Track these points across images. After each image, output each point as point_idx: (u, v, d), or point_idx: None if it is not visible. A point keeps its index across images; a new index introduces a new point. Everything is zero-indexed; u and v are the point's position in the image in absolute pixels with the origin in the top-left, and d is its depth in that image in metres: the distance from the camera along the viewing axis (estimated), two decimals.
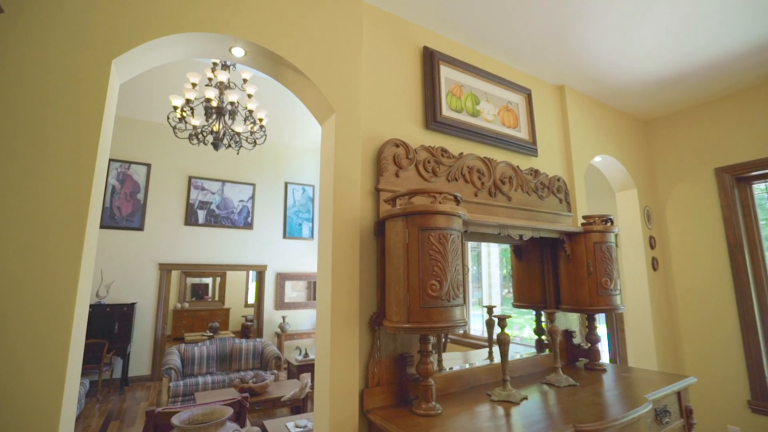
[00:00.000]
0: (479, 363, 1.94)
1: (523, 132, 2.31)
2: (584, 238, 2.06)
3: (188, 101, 4.06)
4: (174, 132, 4.06)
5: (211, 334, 7.58)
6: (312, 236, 7.26)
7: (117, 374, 5.62)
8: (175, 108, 4.02)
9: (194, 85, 4.01)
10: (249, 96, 4.20)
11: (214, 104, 4.17)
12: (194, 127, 4.25)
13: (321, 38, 1.65)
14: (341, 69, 1.67)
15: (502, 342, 1.62)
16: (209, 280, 9.77)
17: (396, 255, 1.40)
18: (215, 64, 4.26)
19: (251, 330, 7.18)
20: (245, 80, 4.16)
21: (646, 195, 3.21)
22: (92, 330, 5.30)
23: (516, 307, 2.31)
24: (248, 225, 6.73)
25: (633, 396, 1.66)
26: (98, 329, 5.31)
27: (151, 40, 1.26)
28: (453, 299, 1.36)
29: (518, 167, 2.17)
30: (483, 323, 2.11)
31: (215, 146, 4.17)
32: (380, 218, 1.57)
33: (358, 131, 1.66)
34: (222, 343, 5.34)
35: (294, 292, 7.04)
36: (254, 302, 7.19)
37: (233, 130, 4.41)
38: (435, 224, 1.35)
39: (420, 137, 1.89)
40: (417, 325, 1.33)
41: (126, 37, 1.22)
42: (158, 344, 5.98)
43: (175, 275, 9.22)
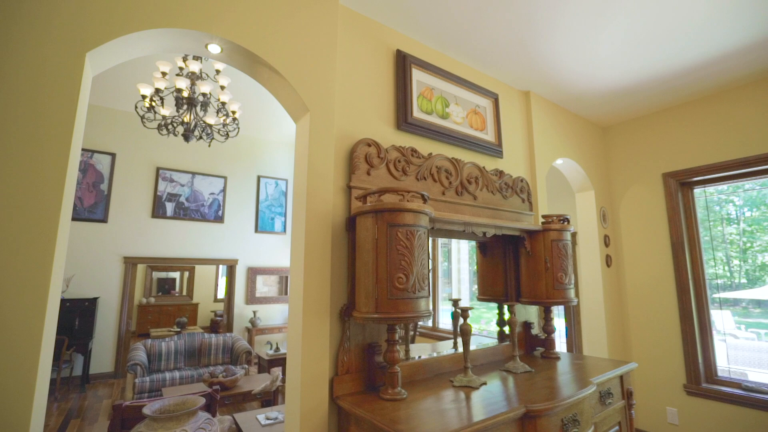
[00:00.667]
0: (444, 353, 2.05)
1: (490, 134, 2.44)
2: (543, 236, 2.21)
3: (158, 90, 3.96)
4: (142, 122, 3.94)
5: (179, 330, 7.41)
6: (285, 230, 7.22)
7: (77, 372, 5.42)
8: (144, 97, 3.91)
9: (164, 74, 3.91)
10: (222, 88, 4.14)
11: (185, 94, 4.09)
12: (164, 118, 4.15)
13: (297, 38, 1.69)
14: (316, 69, 1.72)
15: (464, 332, 1.74)
16: (177, 275, 9.51)
17: (366, 249, 1.48)
18: (187, 54, 4.17)
19: (221, 325, 7.08)
20: (218, 71, 4.10)
21: (603, 196, 3.45)
22: None
23: (480, 301, 2.45)
24: (219, 218, 6.62)
25: (581, 380, 1.83)
26: (57, 325, 5.09)
27: (126, 35, 1.27)
28: (418, 291, 1.46)
29: (484, 168, 2.30)
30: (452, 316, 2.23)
31: (186, 138, 4.09)
32: (351, 214, 1.64)
33: (332, 130, 1.72)
34: (191, 338, 5.26)
35: (266, 287, 7.00)
36: (224, 297, 7.07)
37: (205, 122, 4.34)
38: (403, 221, 1.44)
39: (391, 137, 1.97)
40: (384, 315, 1.42)
41: (100, 31, 1.22)
42: (122, 340, 5.80)
43: (141, 269, 8.92)
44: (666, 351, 3.12)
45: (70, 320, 5.18)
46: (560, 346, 4.16)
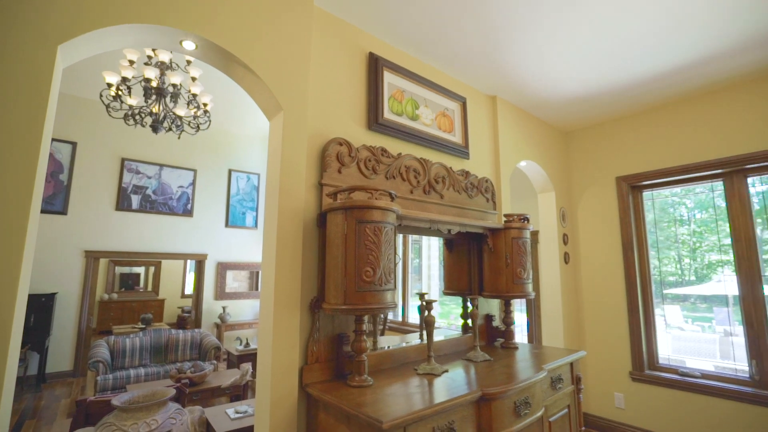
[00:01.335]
0: (410, 343, 2.16)
1: (458, 136, 2.56)
2: (504, 234, 2.36)
3: (125, 79, 3.85)
4: (107, 111, 3.82)
5: (144, 326, 7.20)
6: (256, 225, 7.14)
7: (33, 371, 5.18)
8: (110, 85, 3.78)
9: (132, 63, 3.80)
10: (193, 79, 4.07)
11: (155, 84, 3.99)
12: (131, 107, 4.03)
13: (272, 38, 1.73)
14: (291, 69, 1.77)
15: (428, 323, 1.85)
16: (141, 270, 9.19)
17: (335, 244, 1.56)
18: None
19: (188, 321, 6.93)
20: (189, 62, 4.02)
21: (562, 197, 3.67)
22: None
23: (446, 294, 2.58)
24: (188, 212, 6.47)
25: (534, 367, 1.98)
26: None
27: (99, 29, 1.28)
28: (385, 284, 1.55)
29: (451, 168, 2.42)
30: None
31: (154, 129, 4.00)
32: (322, 211, 1.71)
33: (305, 129, 1.78)
34: (157, 334, 5.15)
35: (236, 282, 6.91)
36: (192, 293, 6.92)
37: (175, 114, 4.25)
38: (371, 218, 1.52)
39: (362, 137, 2.05)
40: (352, 307, 1.50)
41: (73, 24, 1.23)
42: (83, 337, 5.59)
43: (103, 264, 8.57)
44: (615, 341, 3.37)
45: (25, 317, 4.94)
46: (522, 339, 4.39)
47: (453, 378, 1.77)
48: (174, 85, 4.03)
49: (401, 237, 2.63)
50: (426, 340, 2.16)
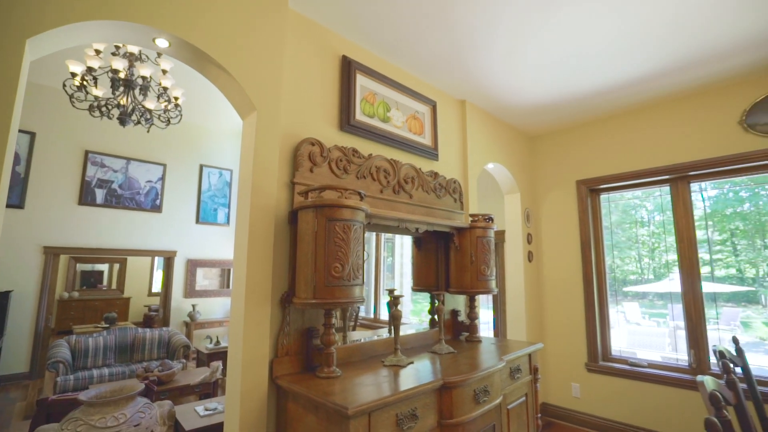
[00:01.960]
0: (379, 337, 2.25)
1: (427, 138, 2.66)
2: (470, 233, 2.49)
3: (90, 69, 3.72)
4: (71, 101, 3.69)
5: (107, 326, 6.95)
6: (228, 222, 7.04)
7: None
8: (74, 75, 3.65)
9: (98, 52, 3.69)
10: (164, 72, 3.98)
11: (123, 76, 3.89)
12: (96, 98, 3.91)
13: (246, 38, 1.76)
14: (264, 69, 1.81)
15: (395, 317, 1.94)
16: (105, 267, 8.82)
17: (306, 241, 1.62)
18: None
19: (155, 320, 6.75)
20: (160, 54, 3.94)
21: (527, 198, 3.86)
22: None
23: (415, 291, 2.68)
24: (156, 208, 6.30)
25: (495, 358, 2.11)
26: None
27: (70, 24, 1.28)
28: (353, 279, 1.62)
29: (420, 169, 2.52)
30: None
31: (122, 121, 3.89)
32: (294, 208, 1.76)
33: (278, 129, 1.82)
34: (122, 333, 5.01)
35: (206, 280, 6.79)
36: (160, 291, 6.74)
37: (144, 107, 4.15)
38: (341, 216, 1.59)
39: (334, 138, 2.11)
40: (322, 301, 1.57)
41: (42, 19, 1.23)
42: (40, 338, 5.36)
43: (64, 261, 8.18)
44: (573, 335, 3.59)
45: None
46: (489, 334, 4.58)
47: (418, 369, 1.87)
48: (143, 78, 3.94)
49: (374, 236, 2.71)
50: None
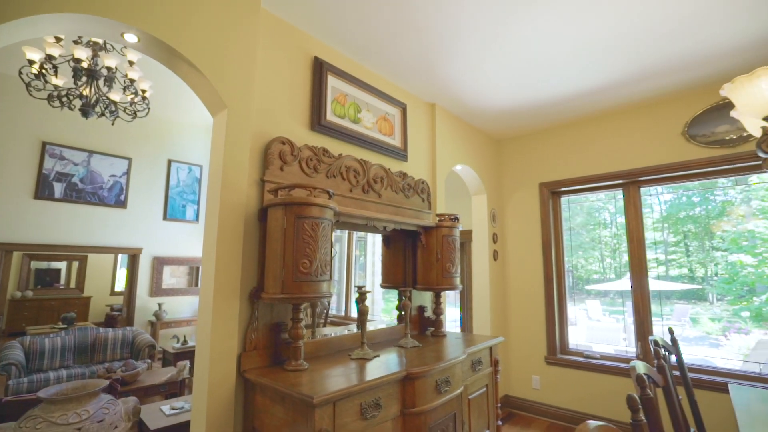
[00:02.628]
0: (349, 332, 2.31)
1: (397, 140, 2.75)
2: (436, 232, 2.59)
3: (50, 57, 3.57)
4: (28, 90, 3.53)
5: (65, 326, 6.63)
6: (197, 219, 6.88)
7: None
8: (31, 62, 3.49)
9: (59, 40, 3.55)
10: (130, 63, 3.87)
11: (85, 66, 3.75)
12: (56, 88, 3.75)
13: (218, 36, 1.78)
14: (236, 68, 1.83)
15: (362, 312, 2.02)
16: (62, 265, 8.39)
17: (275, 238, 1.66)
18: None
19: (118, 320, 6.51)
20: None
21: (493, 199, 4.02)
22: None
23: (383, 288, 2.76)
24: (121, 203, 6.08)
25: (457, 351, 2.22)
26: None
27: (34, 15, 1.27)
28: (321, 275, 1.68)
29: (389, 169, 2.60)
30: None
31: (84, 113, 3.76)
32: (264, 206, 1.80)
33: (249, 127, 1.85)
34: (82, 333, 4.83)
35: (173, 278, 6.62)
36: (124, 289, 6.50)
37: (109, 98, 4.02)
38: (309, 214, 1.65)
39: (305, 137, 2.15)
40: (290, 296, 1.62)
41: (5, 9, 1.21)
42: None
43: (17, 258, 7.73)
44: (534, 330, 3.79)
45: None
46: (456, 329, 4.73)
47: (383, 361, 1.95)
48: (109, 68, 3.82)
49: (346, 235, 2.77)
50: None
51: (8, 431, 1.64)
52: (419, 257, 2.66)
